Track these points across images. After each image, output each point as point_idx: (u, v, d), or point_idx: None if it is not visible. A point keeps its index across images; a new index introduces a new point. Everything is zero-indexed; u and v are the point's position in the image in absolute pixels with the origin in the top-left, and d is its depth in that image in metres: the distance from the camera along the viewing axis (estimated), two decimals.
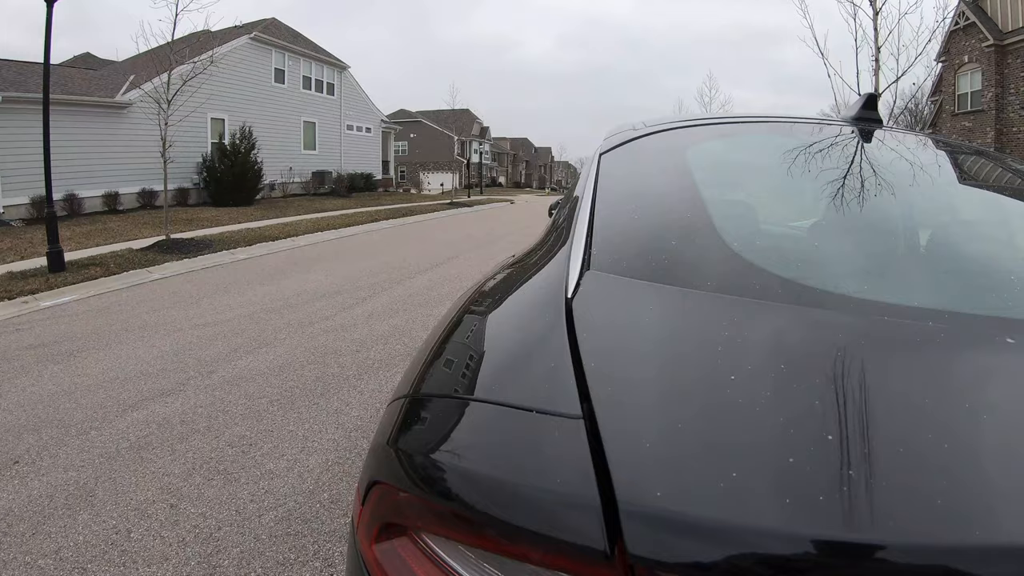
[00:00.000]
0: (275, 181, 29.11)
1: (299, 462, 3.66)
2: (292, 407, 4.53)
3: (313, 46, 33.81)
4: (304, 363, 5.60)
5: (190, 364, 5.56)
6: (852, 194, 1.56)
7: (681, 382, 0.87)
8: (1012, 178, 1.87)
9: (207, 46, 17.09)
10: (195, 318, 7.36)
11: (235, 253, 12.93)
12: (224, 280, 10.08)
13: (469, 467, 0.78)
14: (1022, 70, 24.69)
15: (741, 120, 2.27)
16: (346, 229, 18.45)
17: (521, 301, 1.29)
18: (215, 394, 4.79)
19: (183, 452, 3.78)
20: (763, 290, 1.09)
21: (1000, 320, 1.05)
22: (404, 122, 59.92)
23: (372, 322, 7.18)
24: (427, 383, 1.06)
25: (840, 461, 0.69)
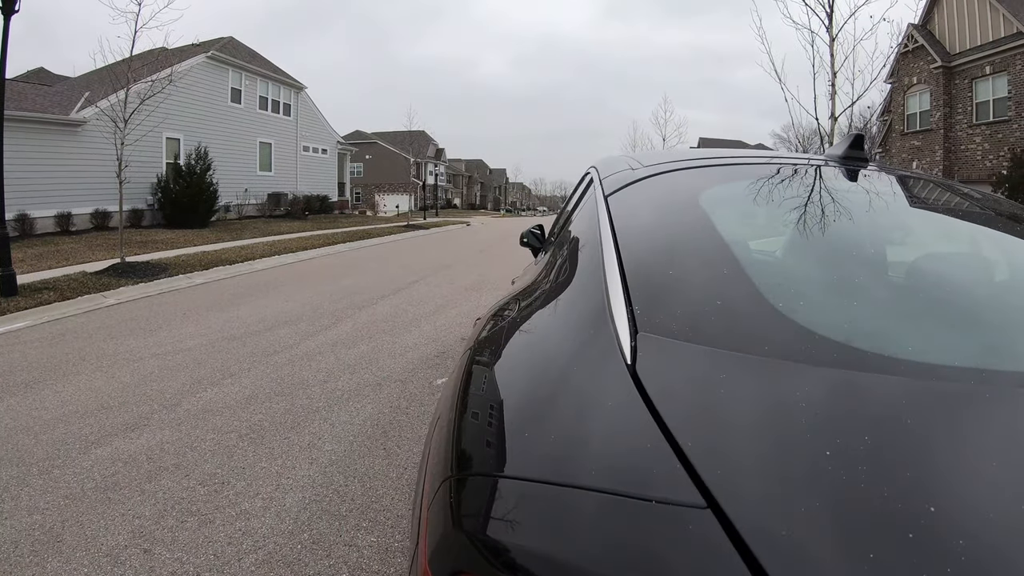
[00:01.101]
0: (230, 203, 28.69)
1: (275, 500, 3.56)
2: (262, 442, 4.41)
3: (270, 66, 33.53)
4: (271, 395, 5.48)
5: (153, 396, 5.39)
6: (875, 244, 1.58)
7: (786, 460, 0.83)
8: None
9: (164, 64, 16.86)
10: (155, 347, 7.16)
11: (192, 277, 12.65)
12: (182, 306, 9.84)
13: (581, 562, 0.73)
14: (969, 90, 25.74)
15: (739, 160, 2.29)
16: (304, 252, 18.24)
17: (569, 365, 1.18)
18: (181, 428, 4.65)
19: (153, 492, 3.65)
20: (819, 355, 1.06)
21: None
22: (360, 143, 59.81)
23: (338, 350, 7.08)
24: (486, 461, 1.00)
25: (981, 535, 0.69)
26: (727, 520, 0.72)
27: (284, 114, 34.40)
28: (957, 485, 0.78)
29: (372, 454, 4.23)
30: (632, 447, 0.88)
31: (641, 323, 1.16)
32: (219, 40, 30.32)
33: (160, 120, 20.81)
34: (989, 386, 1.01)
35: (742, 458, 0.84)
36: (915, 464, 0.80)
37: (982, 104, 25.51)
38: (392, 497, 3.63)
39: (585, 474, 0.87)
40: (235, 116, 30.19)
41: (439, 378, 6.02)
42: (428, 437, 1.56)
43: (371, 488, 3.74)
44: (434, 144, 76.12)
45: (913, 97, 28.64)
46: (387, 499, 3.61)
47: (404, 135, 55.82)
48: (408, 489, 3.72)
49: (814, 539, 0.70)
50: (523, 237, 4.11)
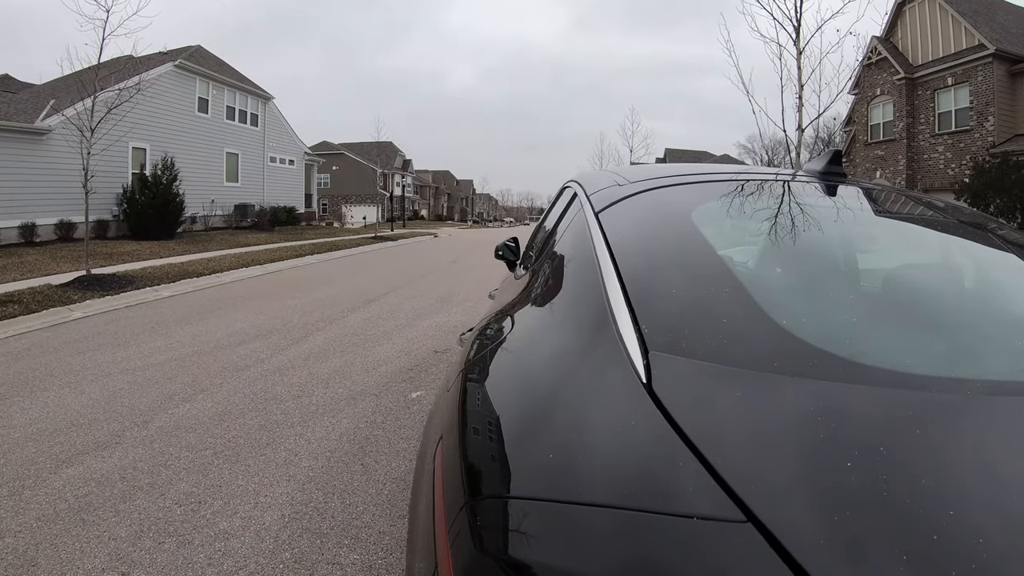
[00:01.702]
0: (197, 214, 28.26)
1: (254, 519, 3.50)
2: (238, 459, 4.34)
3: (238, 75, 33.17)
4: (245, 410, 5.40)
5: (124, 413, 5.27)
6: (865, 258, 1.62)
7: (814, 472, 0.84)
8: (996, 239, 1.94)
9: (132, 72, 16.53)
10: (124, 362, 7.01)
11: (159, 290, 12.43)
12: (150, 319, 9.66)
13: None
14: (931, 101, 26.53)
15: (724, 176, 2.30)
16: (272, 264, 18.03)
17: (581, 384, 1.18)
18: (154, 446, 4.55)
19: (128, 512, 3.56)
20: (827, 370, 1.08)
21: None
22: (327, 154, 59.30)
23: (311, 364, 7.00)
24: (519, 482, 0.97)
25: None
26: (768, 533, 0.73)
27: (251, 124, 34.03)
28: (973, 487, 0.81)
29: (350, 470, 4.19)
30: (661, 465, 0.89)
31: (651, 342, 1.16)
32: (187, 49, 29.92)
33: (127, 130, 20.55)
34: (998, 395, 1.05)
35: (770, 472, 0.85)
36: (930, 469, 0.83)
37: (944, 114, 26.32)
38: (373, 513, 3.59)
39: (617, 494, 0.86)
40: (202, 126, 29.77)
41: (414, 391, 5.98)
42: (424, 456, 1.53)
43: (351, 504, 3.69)
44: (401, 155, 75.87)
45: (876, 108, 29.37)
46: (368, 515, 3.57)
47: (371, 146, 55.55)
48: (388, 505, 3.68)
49: (854, 547, 0.71)
50: (498, 250, 4.10)
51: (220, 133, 31.16)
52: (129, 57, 16.09)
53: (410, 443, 4.66)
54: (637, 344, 1.16)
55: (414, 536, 1.33)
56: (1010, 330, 1.40)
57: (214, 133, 30.66)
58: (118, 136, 17.97)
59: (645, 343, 1.16)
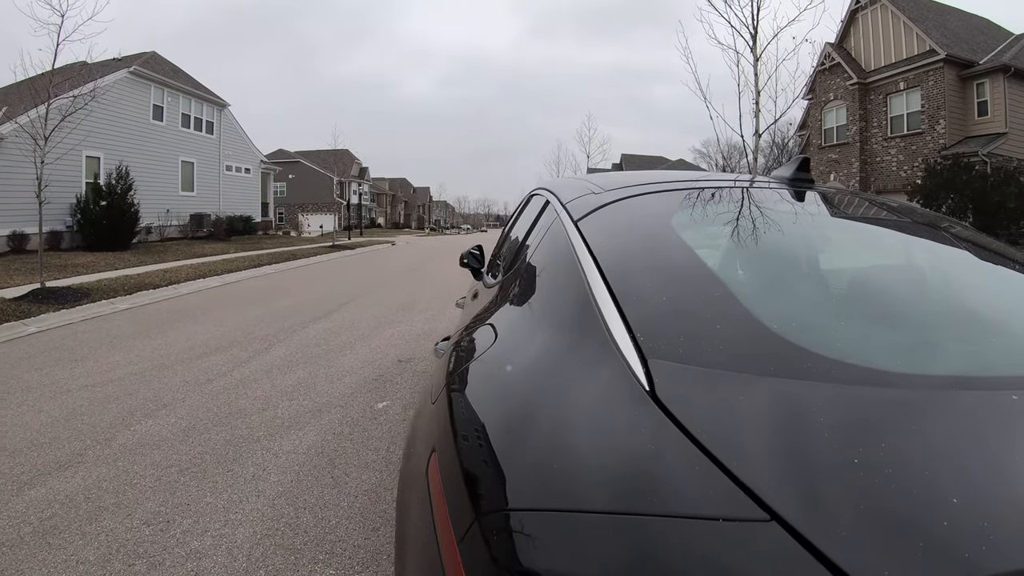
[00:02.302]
0: (152, 224, 27.69)
1: (225, 537, 3.44)
2: (205, 476, 4.26)
3: (193, 82, 32.57)
4: (209, 425, 5.30)
5: (85, 431, 5.13)
6: (843, 259, 1.68)
7: (826, 469, 0.87)
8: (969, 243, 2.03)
9: (86, 79, 16.11)
10: (82, 377, 6.82)
11: (116, 303, 12.13)
12: (108, 333, 9.42)
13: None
14: (884, 105, 27.45)
15: (699, 183, 2.35)
16: (229, 275, 17.72)
17: (582, 393, 1.18)
18: (118, 465, 4.44)
19: (95, 535, 3.47)
20: (821, 372, 1.11)
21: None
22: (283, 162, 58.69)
23: (274, 376, 6.90)
24: (530, 493, 0.97)
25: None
26: (793, 530, 0.75)
27: (207, 132, 33.42)
28: (976, 478, 0.86)
29: (320, 483, 4.14)
30: (679, 471, 0.90)
31: (648, 350, 1.17)
32: (142, 55, 29.30)
33: (81, 138, 20.01)
34: (997, 390, 1.10)
35: (784, 472, 0.87)
36: (933, 461, 0.88)
37: (896, 118, 27.27)
38: (346, 527, 3.55)
39: (639, 501, 0.87)
40: (157, 134, 29.17)
41: (380, 402, 5.94)
42: (410, 470, 1.52)
43: (323, 519, 3.65)
44: (358, 163, 75.23)
45: (830, 112, 30.20)
46: (341, 529, 3.53)
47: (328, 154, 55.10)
48: (361, 518, 3.65)
49: (879, 539, 0.74)
50: (463, 258, 4.10)
51: (175, 141, 30.56)
52: (83, 63, 15.73)
53: (379, 454, 4.62)
54: (635, 352, 1.17)
55: (403, 554, 1.31)
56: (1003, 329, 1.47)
57: (169, 141, 30.06)
58: (72, 145, 17.48)
59: (642, 351, 1.17)
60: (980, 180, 20.86)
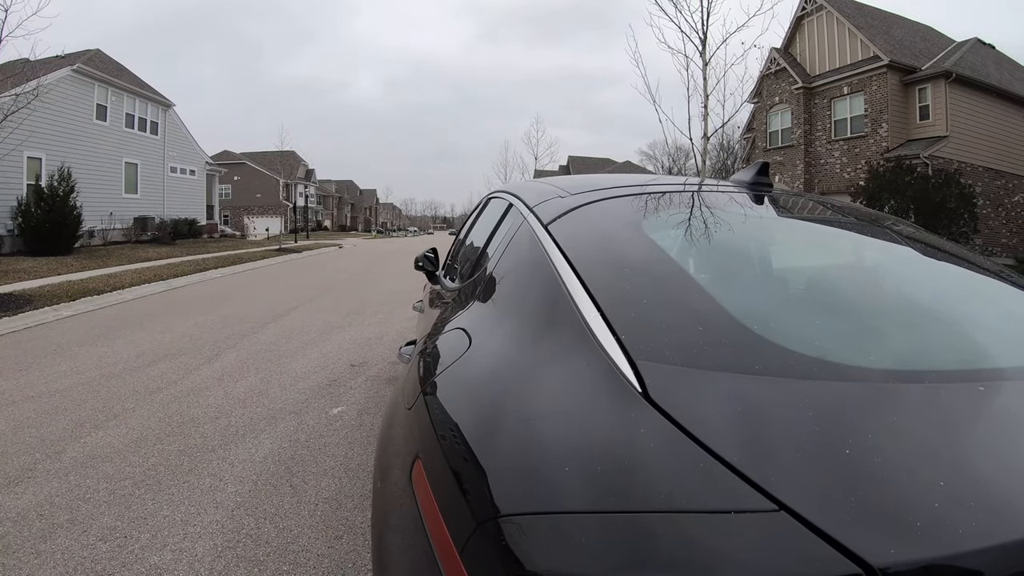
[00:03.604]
0: (95, 227, 26.74)
1: (186, 551, 3.35)
2: (160, 488, 4.15)
3: (138, 81, 31.57)
4: (161, 436, 5.16)
5: (34, 444, 4.94)
6: (810, 258, 1.75)
7: (820, 459, 0.92)
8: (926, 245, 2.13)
9: (28, 76, 15.51)
10: (27, 388, 6.56)
11: (59, 310, 11.67)
12: (52, 341, 9.07)
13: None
14: (828, 109, 28.25)
15: (663, 187, 2.38)
16: (175, 280, 17.25)
17: (572, 396, 1.18)
18: (70, 479, 4.29)
19: (50, 554, 3.34)
20: (803, 369, 1.15)
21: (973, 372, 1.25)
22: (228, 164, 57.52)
23: (225, 384, 6.75)
24: (532, 497, 0.96)
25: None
26: (802, 518, 0.79)
27: (151, 133, 32.43)
28: (954, 467, 0.93)
29: (279, 492, 4.07)
30: (682, 470, 0.91)
31: (634, 352, 1.19)
32: (85, 52, 28.27)
33: (23, 138, 19.22)
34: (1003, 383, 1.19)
35: (783, 464, 0.91)
36: (919, 451, 0.95)
37: (840, 121, 28.03)
38: (309, 536, 3.50)
39: (646, 498, 0.88)
40: (100, 134, 28.18)
41: (334, 407, 5.87)
42: (386, 479, 1.50)
43: (284, 528, 3.60)
44: (304, 165, 74.05)
45: (775, 116, 30.87)
46: (304, 538, 3.48)
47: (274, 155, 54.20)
48: (323, 526, 3.60)
49: (885, 525, 0.79)
50: (418, 261, 4.09)
51: (119, 142, 29.57)
52: (26, 60, 15.13)
53: (337, 460, 4.57)
54: (622, 355, 1.19)
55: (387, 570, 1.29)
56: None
57: (113, 142, 29.07)
58: (13, 146, 16.76)
59: (629, 353, 1.19)
60: (922, 182, 21.52)
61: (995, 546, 0.76)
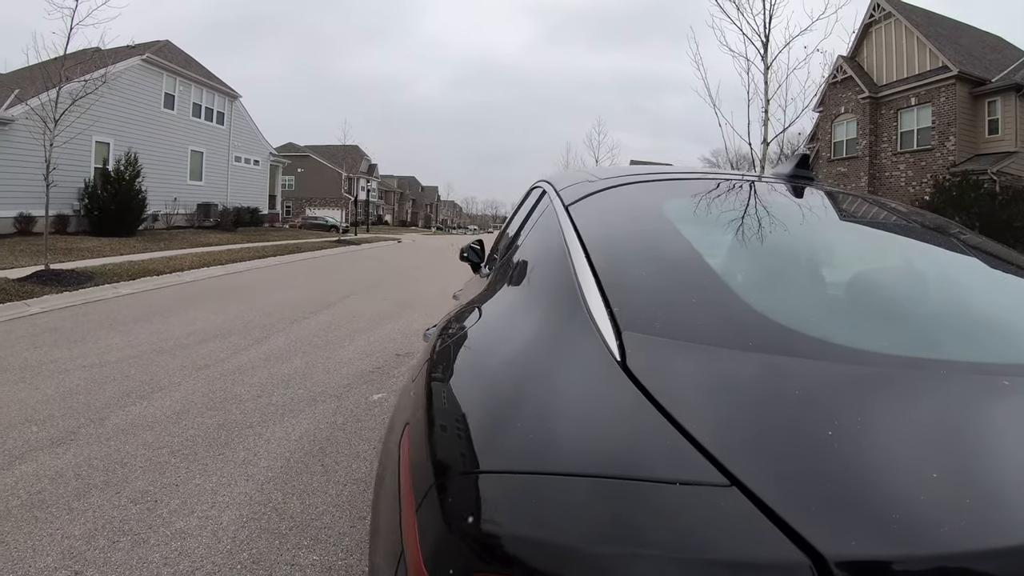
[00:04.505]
0: (159, 212, 27.69)
1: (211, 519, 3.43)
2: (195, 458, 4.25)
3: (205, 72, 32.62)
4: (203, 409, 5.29)
5: (79, 410, 5.13)
6: (825, 249, 1.69)
7: (787, 440, 0.88)
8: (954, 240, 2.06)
9: (98, 64, 16.13)
10: (81, 358, 6.82)
11: (118, 287, 12.14)
12: (109, 316, 9.43)
13: (612, 550, 0.73)
14: (894, 120, 27.31)
15: (694, 176, 2.36)
16: (233, 265, 17.75)
17: (554, 363, 1.18)
18: (110, 444, 4.43)
19: (82, 511, 3.46)
20: (797, 348, 1.13)
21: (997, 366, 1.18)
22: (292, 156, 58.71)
23: (271, 365, 6.89)
24: (494, 456, 0.96)
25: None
26: (752, 495, 0.75)
27: (217, 122, 33.46)
28: (930, 458, 0.86)
29: (310, 470, 4.13)
30: (643, 438, 0.89)
31: (623, 323, 1.18)
32: (155, 43, 29.30)
33: (91, 123, 19.96)
34: (953, 374, 1.12)
35: (746, 440, 0.87)
36: (895, 439, 0.88)
37: (906, 133, 27.11)
38: (333, 514, 3.53)
39: (596, 463, 0.87)
40: (167, 122, 29.18)
41: (375, 394, 5.93)
42: (387, 450, 1.52)
43: (310, 505, 3.64)
44: (367, 159, 75.23)
45: (840, 125, 30.08)
46: (328, 516, 3.51)
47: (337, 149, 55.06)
48: (348, 506, 3.63)
49: (838, 508, 0.75)
50: (463, 252, 4.11)
51: (185, 130, 30.58)
52: (96, 49, 15.75)
53: (371, 444, 4.61)
54: (610, 325, 1.18)
55: (376, 526, 1.31)
56: (963, 317, 1.51)
57: (179, 130, 30.07)
58: (81, 129, 17.39)
59: (618, 324, 1.18)
60: (988, 198, 20.72)
61: (967, 553, 0.70)
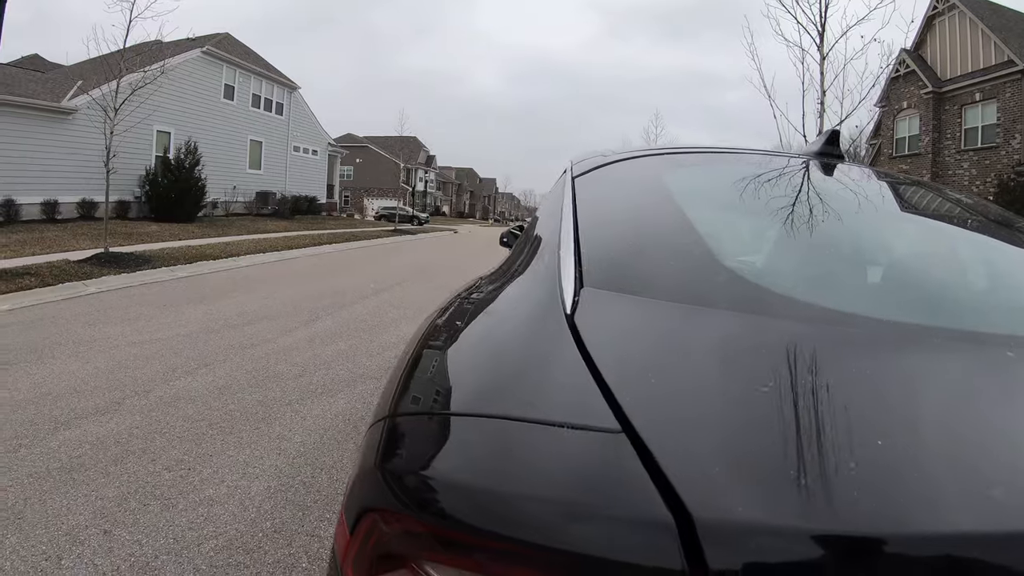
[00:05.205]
0: (218, 199, 28.44)
1: (240, 488, 3.52)
2: (232, 431, 4.37)
3: (264, 64, 33.34)
4: (245, 386, 5.43)
5: (126, 383, 5.33)
6: (828, 218, 1.64)
7: (709, 394, 0.85)
8: (962, 211, 1.99)
9: (159, 56, 16.69)
10: (132, 335, 7.08)
11: (175, 270, 12.55)
12: (163, 297, 9.76)
13: (492, 487, 0.72)
14: (958, 116, 26.02)
15: (709, 150, 2.32)
16: (289, 251, 18.15)
17: (510, 316, 1.22)
18: (152, 415, 4.59)
19: (118, 475, 3.60)
20: (758, 305, 1.11)
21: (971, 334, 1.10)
22: (351, 146, 59.51)
23: (315, 346, 7.03)
24: (417, 400, 0.99)
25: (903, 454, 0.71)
26: (641, 444, 0.71)
27: (276, 113, 34.19)
28: (847, 408, 0.80)
29: (341, 448, 4.20)
30: (558, 383, 0.89)
31: (588, 280, 1.18)
32: (215, 36, 30.08)
33: (151, 112, 20.63)
34: (894, 336, 1.05)
35: (666, 394, 0.84)
36: (822, 399, 0.82)
37: (971, 130, 25.81)
38: None
39: (494, 405, 0.87)
40: (227, 112, 29.98)
41: None
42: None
43: (338, 481, 3.71)
44: (425, 150, 75.95)
45: (903, 121, 28.98)
46: None
47: (396, 140, 55.74)
48: None
49: (732, 467, 0.70)
50: (503, 237, 4.14)
51: (245, 120, 31.34)
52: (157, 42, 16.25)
53: None
54: (573, 282, 1.17)
55: None
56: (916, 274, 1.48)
57: (239, 120, 30.85)
58: (142, 117, 18.03)
59: (582, 281, 1.18)
60: None
61: (865, 536, 0.61)
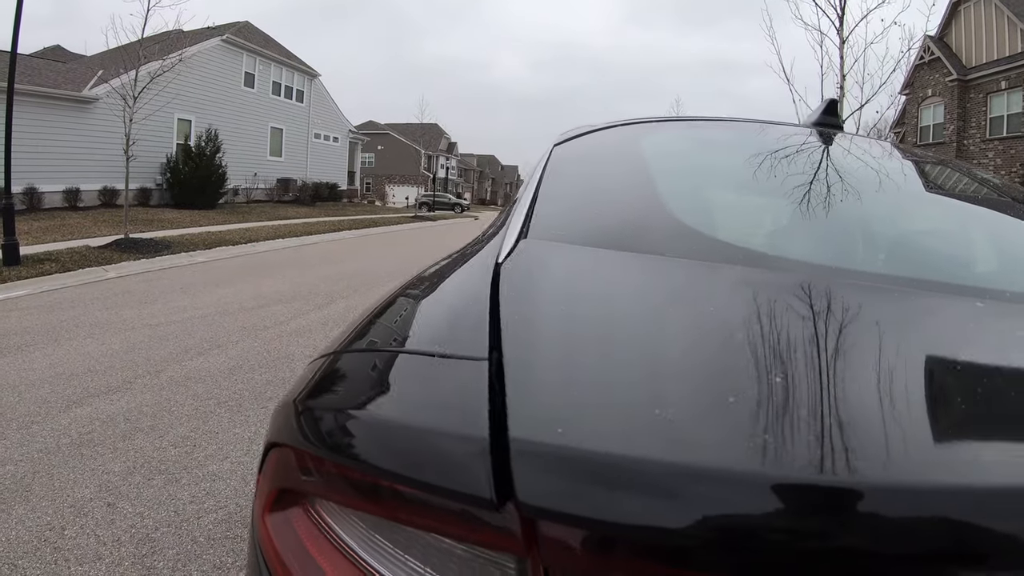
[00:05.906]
0: (239, 186, 28.72)
1: (243, 465, 3.60)
2: (239, 409, 4.45)
3: (285, 52, 33.51)
4: (255, 366, 5.52)
5: (139, 362, 5.44)
6: (798, 180, 1.62)
7: (597, 332, 0.85)
8: (953, 177, 1.98)
9: (178, 45, 16.86)
10: (148, 318, 7.21)
11: (193, 256, 12.73)
12: (181, 281, 9.91)
13: (361, 416, 0.71)
14: (984, 105, 25.41)
15: (698, 119, 2.28)
16: (308, 237, 18.31)
17: (458, 270, 1.26)
18: (162, 393, 4.69)
19: (125, 450, 3.70)
20: (695, 251, 1.11)
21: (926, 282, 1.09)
22: (372, 134, 59.67)
23: (328, 328, 7.10)
24: (345, 343, 0.99)
25: (759, 399, 0.65)
26: (500, 371, 0.69)
27: (297, 100, 34.38)
28: (746, 346, 0.77)
29: None
30: (466, 324, 0.89)
31: (531, 232, 1.22)
32: (234, 24, 30.30)
33: (171, 99, 20.88)
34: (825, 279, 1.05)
35: (555, 330, 0.84)
36: (718, 337, 0.82)
37: (996, 119, 25.17)
38: None
39: (397, 343, 0.93)
40: (247, 100, 30.22)
41: None
42: None
43: None
44: (446, 138, 75.79)
45: (927, 109, 28.40)
46: None
47: (416, 127, 55.74)
48: None
49: (583, 394, 0.68)
50: None
51: (265, 108, 31.56)
52: (177, 31, 16.41)
53: None
54: (517, 234, 1.20)
55: None
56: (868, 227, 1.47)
57: (259, 108, 31.07)
58: (161, 104, 18.23)
59: (527, 233, 1.21)
60: None
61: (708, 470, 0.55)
